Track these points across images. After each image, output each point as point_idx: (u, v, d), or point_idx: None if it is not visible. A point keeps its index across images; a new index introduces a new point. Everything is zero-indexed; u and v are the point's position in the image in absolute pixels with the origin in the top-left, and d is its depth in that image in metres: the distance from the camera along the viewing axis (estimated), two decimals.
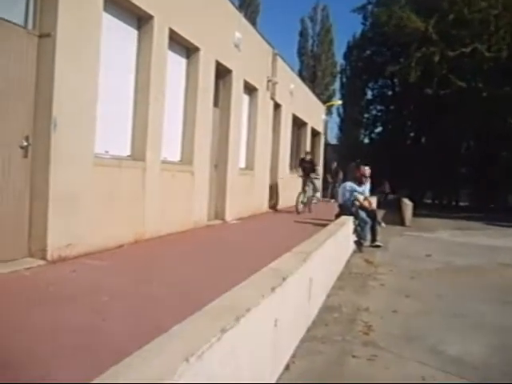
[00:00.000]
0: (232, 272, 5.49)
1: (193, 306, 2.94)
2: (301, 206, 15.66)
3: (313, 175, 16.63)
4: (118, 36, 7.61)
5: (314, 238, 6.83)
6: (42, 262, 5.80)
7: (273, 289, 3.79)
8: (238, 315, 3.03)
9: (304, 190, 16.18)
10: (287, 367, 4.11)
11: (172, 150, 9.61)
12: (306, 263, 5.12)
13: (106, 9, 6.91)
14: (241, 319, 3.02)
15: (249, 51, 12.83)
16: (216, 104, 11.53)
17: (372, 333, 5.13)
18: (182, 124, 10.05)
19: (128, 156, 8.07)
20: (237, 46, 11.86)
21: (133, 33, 8.00)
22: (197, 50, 9.91)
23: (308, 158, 17.01)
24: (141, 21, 8.08)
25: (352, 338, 4.93)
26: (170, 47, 8.86)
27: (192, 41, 9.55)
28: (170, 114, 9.10)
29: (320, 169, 25.94)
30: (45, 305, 4.49)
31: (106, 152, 7.39)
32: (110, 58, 7.18)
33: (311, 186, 16.55)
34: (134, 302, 4.80)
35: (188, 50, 9.93)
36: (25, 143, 5.78)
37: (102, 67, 6.86)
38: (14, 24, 5.66)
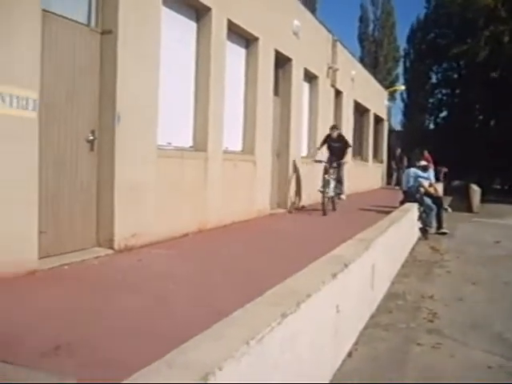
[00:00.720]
0: (295, 260, 5.51)
1: (255, 293, 2.97)
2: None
3: (343, 160, 12.37)
4: (178, 29, 7.74)
5: (376, 225, 6.75)
6: (109, 252, 6.01)
7: (334, 275, 3.78)
8: (298, 300, 3.05)
9: (327, 181, 11.39)
10: (350, 354, 4.10)
11: (234, 140, 9.71)
12: (368, 250, 5.07)
13: (164, 3, 7.04)
14: (301, 304, 3.04)
15: (308, 39, 12.74)
16: (276, 93, 11.53)
17: (437, 320, 5.03)
18: (243, 114, 10.12)
19: (190, 147, 8.21)
20: (296, 34, 11.81)
21: (192, 25, 8.11)
22: (256, 39, 9.93)
23: (336, 134, 12.24)
24: (199, 13, 8.18)
25: (416, 326, 4.86)
26: (229, 38, 8.92)
27: (250, 31, 9.59)
28: (230, 105, 9.18)
29: (384, 155, 25.54)
30: (112, 291, 4.65)
31: (169, 144, 7.55)
32: (170, 52, 7.32)
33: (334, 176, 11.77)
34: (198, 289, 4.91)
35: (247, 40, 9.97)
36: (91, 137, 5.99)
37: (164, 61, 7.01)
38: (78, 22, 5.86)
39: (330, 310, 3.77)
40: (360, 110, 20.70)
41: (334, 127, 12.67)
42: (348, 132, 18.17)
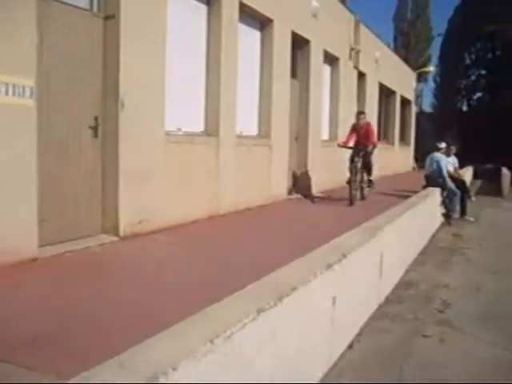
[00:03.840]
0: (302, 247, 5.33)
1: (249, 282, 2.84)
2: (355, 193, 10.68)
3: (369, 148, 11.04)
4: (186, 12, 7.56)
5: (389, 211, 6.54)
6: (114, 239, 5.94)
7: (329, 266, 3.61)
8: (281, 294, 2.90)
9: (354, 171, 10.58)
10: (351, 346, 3.94)
11: (248, 124, 9.53)
12: (375, 238, 4.88)
13: None
14: (284, 298, 2.88)
15: (328, 20, 12.45)
16: (294, 75, 11.29)
17: (448, 311, 4.82)
18: (258, 98, 9.94)
19: (202, 132, 8.07)
20: (314, 15, 11.53)
21: (201, 8, 7.93)
22: (270, 21, 9.71)
23: (363, 121, 11.31)
24: None
25: (425, 316, 4.66)
26: (242, 20, 8.72)
27: (264, 12, 9.37)
28: (245, 88, 9.02)
29: (411, 138, 25.05)
30: (108, 279, 4.58)
31: (179, 129, 7.43)
32: (178, 35, 7.16)
33: (360, 164, 10.79)
34: (192, 277, 4.79)
35: (261, 22, 9.76)
36: (94, 123, 5.90)
37: (171, 45, 6.87)
38: (79, 8, 5.75)
39: (325, 301, 3.61)
40: (386, 92, 20.27)
41: (360, 113, 11.64)
42: (373, 115, 17.82)
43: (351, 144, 11.08)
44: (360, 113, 11.75)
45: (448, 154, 11.00)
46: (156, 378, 1.91)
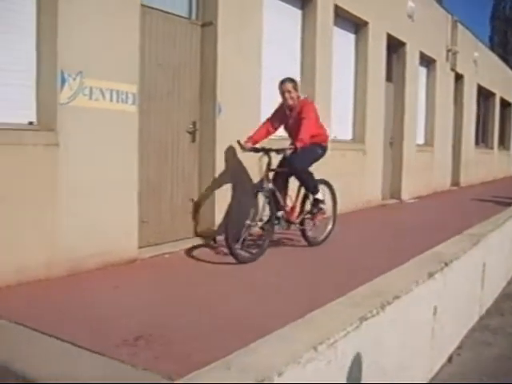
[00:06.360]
0: (401, 255, 5.18)
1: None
2: None
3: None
4: (281, 17, 7.60)
5: (492, 218, 6.27)
6: (210, 242, 6.05)
7: (431, 274, 3.52)
8: (383, 302, 2.84)
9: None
10: (450, 359, 3.81)
11: (342, 128, 9.44)
12: (477, 247, 4.70)
13: None
14: (386, 307, 2.83)
15: (424, 21, 12.10)
16: (389, 79, 11.06)
17: None
18: (352, 101, 9.83)
19: None
20: (410, 16, 11.24)
21: (296, 12, 7.95)
22: (365, 24, 9.57)
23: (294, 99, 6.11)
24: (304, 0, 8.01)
25: None
26: (336, 23, 8.65)
27: (359, 15, 9.24)
28: (339, 92, 8.93)
29: None
30: (206, 281, 4.64)
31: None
32: (272, 40, 7.21)
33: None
34: (285, 281, 4.77)
35: (356, 25, 9.63)
36: (192, 128, 6.05)
37: (266, 50, 6.92)
38: (178, 16, 5.94)
39: (426, 311, 3.51)
40: (484, 94, 19.42)
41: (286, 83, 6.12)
42: (470, 118, 17.14)
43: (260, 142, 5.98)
44: (287, 81, 5.94)
45: None
46: (261, 382, 1.92)
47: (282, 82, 5.92)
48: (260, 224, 5.61)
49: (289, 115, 5.99)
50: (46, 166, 4.38)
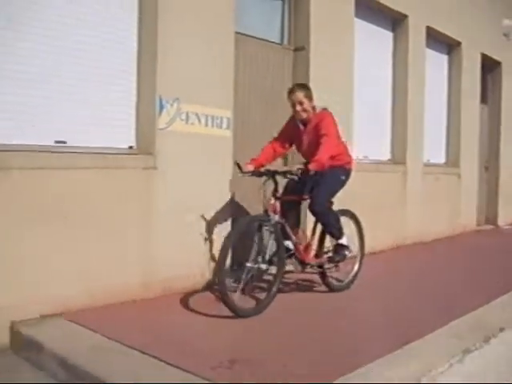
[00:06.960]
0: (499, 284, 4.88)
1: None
2: None
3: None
4: (372, 40, 7.56)
5: None
6: None
7: None
8: (487, 335, 2.69)
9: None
10: None
11: (436, 151, 9.20)
12: None
13: (357, 15, 6.96)
14: (491, 340, 2.67)
15: None
16: (484, 101, 10.68)
17: None
18: (445, 124, 9.58)
19: (388, 160, 7.96)
20: (506, 35, 10.84)
21: (387, 35, 7.89)
22: (458, 44, 9.33)
23: (308, 112, 4.82)
24: (395, 22, 7.94)
25: None
26: (428, 45, 8.50)
27: (452, 36, 9.04)
28: (432, 114, 8.73)
29: None
30: None
31: (365, 157, 7.40)
32: (364, 63, 7.18)
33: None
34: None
35: (449, 46, 9.42)
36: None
37: (357, 72, 6.90)
38: (271, 42, 6.09)
39: None
40: None
41: (296, 89, 5.16)
42: None
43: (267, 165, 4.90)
44: (297, 90, 4.84)
45: None
46: None
47: (291, 91, 4.76)
48: (264, 267, 4.39)
49: (302, 131, 4.79)
50: (144, 188, 4.53)
